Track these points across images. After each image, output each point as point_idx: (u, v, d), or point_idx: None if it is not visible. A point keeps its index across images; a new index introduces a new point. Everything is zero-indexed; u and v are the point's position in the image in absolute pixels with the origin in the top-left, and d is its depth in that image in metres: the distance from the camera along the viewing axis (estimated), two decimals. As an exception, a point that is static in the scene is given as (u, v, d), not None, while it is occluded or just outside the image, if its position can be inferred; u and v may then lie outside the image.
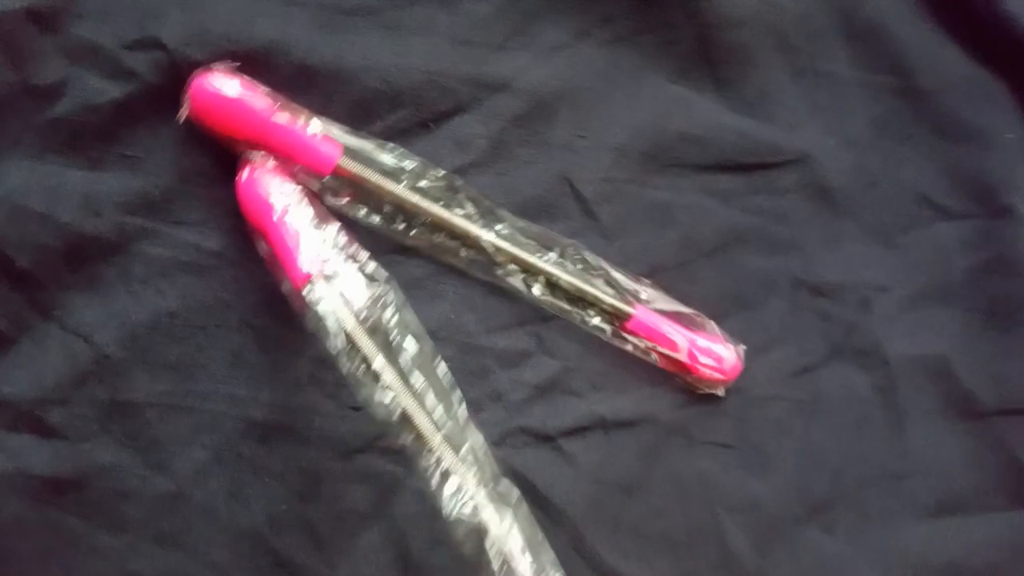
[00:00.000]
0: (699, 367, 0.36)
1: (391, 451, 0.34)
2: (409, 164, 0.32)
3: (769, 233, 0.38)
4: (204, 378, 0.32)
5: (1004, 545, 0.39)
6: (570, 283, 0.34)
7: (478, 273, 0.34)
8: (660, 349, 0.35)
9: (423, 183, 0.32)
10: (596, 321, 0.35)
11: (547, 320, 0.35)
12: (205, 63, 0.30)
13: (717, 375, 0.36)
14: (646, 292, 0.36)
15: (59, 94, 0.29)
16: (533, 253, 0.34)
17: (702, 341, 0.36)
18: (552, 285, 0.34)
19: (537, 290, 0.34)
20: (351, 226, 0.31)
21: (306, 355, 0.33)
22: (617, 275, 0.35)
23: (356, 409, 0.33)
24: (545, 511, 0.35)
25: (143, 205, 0.30)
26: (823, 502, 0.38)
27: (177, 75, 0.30)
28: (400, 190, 0.32)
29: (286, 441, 0.33)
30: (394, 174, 0.32)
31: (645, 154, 0.36)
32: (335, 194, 0.31)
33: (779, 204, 0.38)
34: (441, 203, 0.32)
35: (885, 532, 0.39)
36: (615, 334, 0.35)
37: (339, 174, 0.31)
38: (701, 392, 0.37)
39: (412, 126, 0.33)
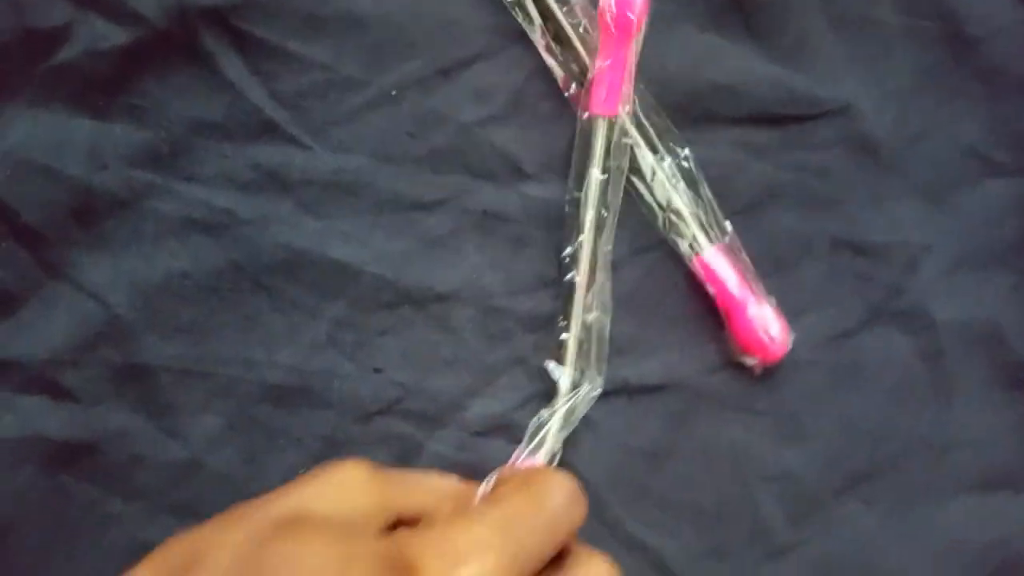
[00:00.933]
0: (749, 333, 0.34)
1: (412, 413, 0.33)
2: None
3: (807, 189, 0.36)
4: (218, 342, 0.31)
5: (1054, 521, 0.37)
6: (669, 190, 0.34)
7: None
8: (721, 292, 0.34)
9: None
10: (676, 237, 0.35)
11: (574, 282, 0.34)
12: (214, 8, 0.29)
13: (763, 347, 0.34)
14: (729, 236, 0.35)
15: (63, 39, 0.28)
16: (651, 142, 0.34)
17: (760, 309, 0.34)
18: (655, 178, 0.34)
19: (643, 179, 0.34)
20: None
21: (324, 316, 0.32)
22: (709, 206, 0.35)
23: (377, 371, 0.32)
24: (569, 478, 0.34)
25: (151, 159, 0.29)
26: (861, 473, 0.37)
27: (187, 20, 0.28)
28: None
29: (303, 405, 0.32)
30: None
31: (675, 106, 0.34)
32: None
33: (818, 159, 0.36)
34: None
35: (927, 507, 0.37)
36: (685, 258, 0.35)
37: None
38: (735, 360, 0.35)
39: (429, 75, 0.32)
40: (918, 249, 0.37)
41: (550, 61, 0.33)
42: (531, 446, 0.32)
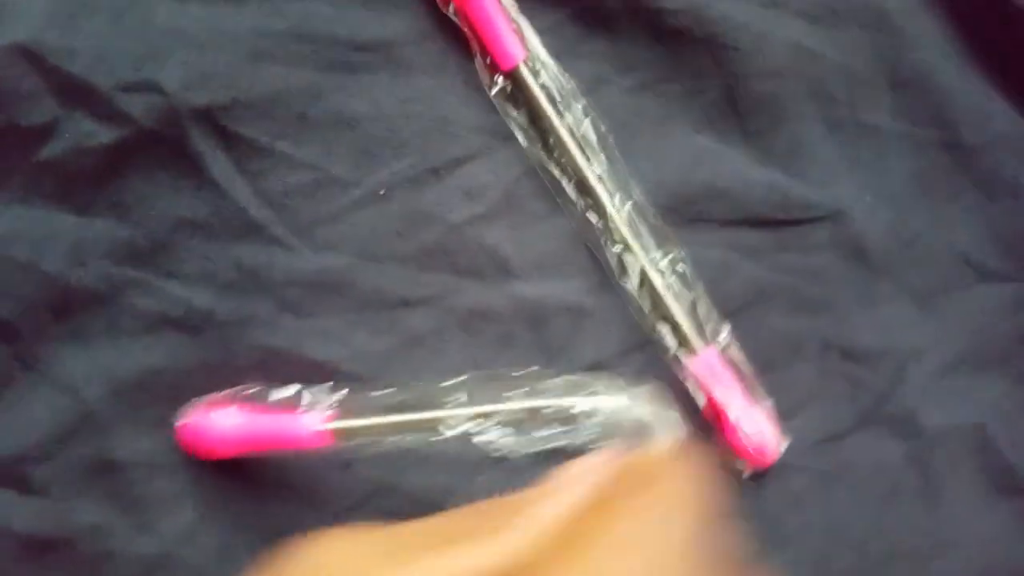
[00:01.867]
0: (741, 439, 0.34)
1: (385, 510, 0.32)
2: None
3: (798, 292, 0.36)
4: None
5: (1042, 633, 0.37)
6: (659, 293, 0.34)
7: (584, 231, 0.33)
8: (712, 397, 0.34)
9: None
10: (667, 340, 0.34)
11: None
12: (205, 108, 0.28)
13: (753, 454, 0.34)
14: (725, 337, 0.34)
15: (49, 136, 0.27)
16: (644, 244, 0.34)
17: (753, 415, 0.34)
18: (645, 282, 0.34)
19: (631, 282, 0.34)
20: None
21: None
22: (704, 307, 0.34)
23: (347, 465, 0.32)
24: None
25: (132, 255, 0.29)
26: (847, 580, 0.36)
27: (174, 120, 0.28)
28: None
29: (277, 499, 0.32)
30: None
31: (667, 208, 0.34)
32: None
33: (810, 262, 0.36)
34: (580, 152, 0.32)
35: (914, 614, 0.37)
36: (675, 361, 0.34)
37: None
38: (723, 464, 0.35)
39: (420, 173, 0.31)
40: (908, 354, 0.37)
41: (541, 160, 0.33)
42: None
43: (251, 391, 0.30)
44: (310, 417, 0.28)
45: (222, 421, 0.29)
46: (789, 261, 0.36)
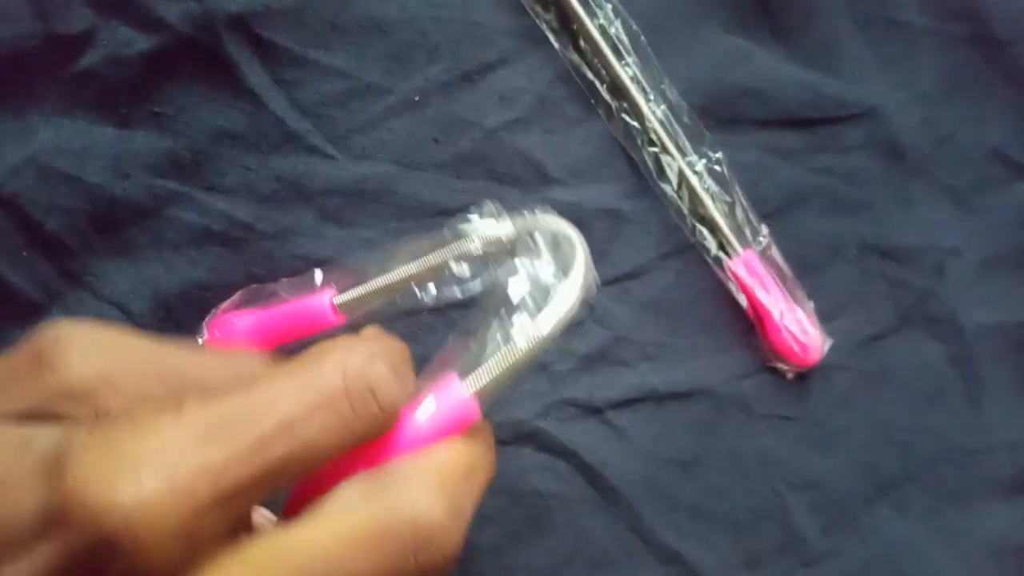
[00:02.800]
0: (782, 338, 0.34)
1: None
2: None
3: (835, 193, 0.36)
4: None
5: (1089, 526, 0.37)
6: (698, 194, 0.33)
7: (620, 134, 0.33)
8: (754, 297, 0.34)
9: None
10: (707, 242, 0.34)
11: (598, 287, 0.33)
12: (238, 15, 0.28)
13: (797, 354, 0.34)
14: (764, 238, 0.34)
15: (86, 45, 0.27)
16: (681, 146, 0.33)
17: (796, 314, 0.34)
18: (683, 184, 0.33)
19: (670, 184, 0.33)
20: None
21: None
22: (742, 209, 0.34)
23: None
24: (598, 489, 0.33)
25: (174, 167, 0.29)
26: (893, 480, 0.36)
27: (210, 27, 0.28)
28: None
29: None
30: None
31: (701, 109, 0.34)
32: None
33: (846, 162, 0.36)
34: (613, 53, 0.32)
35: (960, 511, 0.37)
36: (716, 263, 0.34)
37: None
38: (767, 365, 0.35)
39: (453, 79, 0.31)
40: (946, 253, 0.37)
41: (575, 62, 0.32)
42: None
43: (264, 288, 0.29)
44: (316, 299, 0.26)
45: (240, 325, 0.27)
46: (825, 161, 0.36)
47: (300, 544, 0.17)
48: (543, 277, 0.23)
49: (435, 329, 0.31)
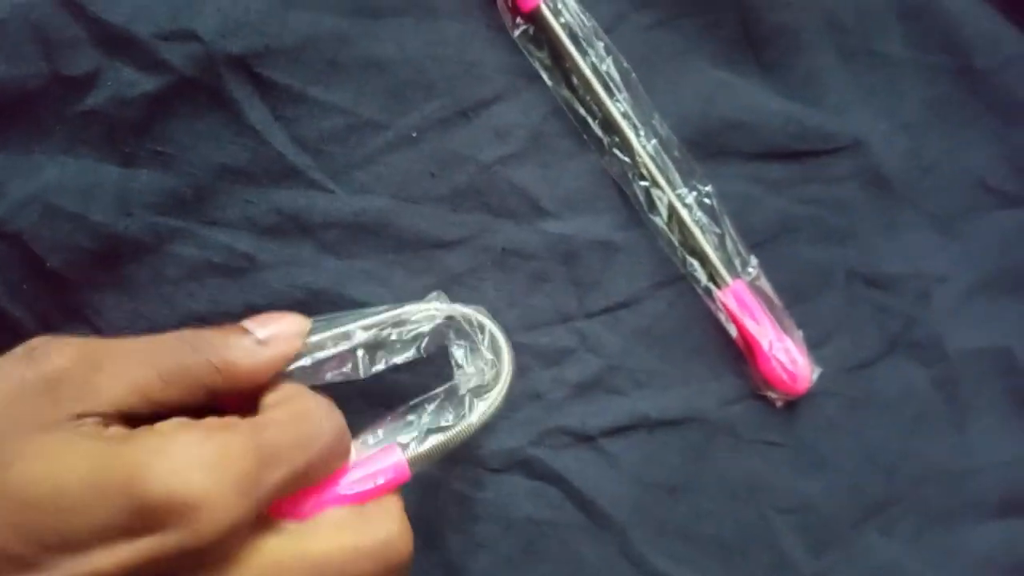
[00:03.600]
0: (772, 367, 0.34)
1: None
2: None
3: (822, 223, 0.36)
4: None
5: (1074, 547, 0.37)
6: (688, 227, 0.34)
7: (612, 168, 0.34)
8: (744, 327, 0.35)
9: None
10: (698, 273, 0.35)
11: (591, 316, 0.34)
12: (240, 56, 0.29)
13: (786, 383, 0.35)
14: (753, 269, 0.35)
15: (91, 86, 0.28)
16: (671, 179, 0.34)
17: (785, 343, 0.35)
18: (673, 217, 0.34)
19: (661, 217, 0.34)
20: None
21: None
22: (731, 240, 0.35)
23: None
24: (589, 515, 0.34)
25: (176, 204, 0.30)
26: (880, 503, 0.37)
27: (211, 68, 0.29)
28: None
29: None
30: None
31: (690, 143, 0.35)
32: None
33: (832, 192, 0.37)
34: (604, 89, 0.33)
35: (946, 534, 0.37)
36: (706, 294, 0.35)
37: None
38: (757, 392, 0.35)
39: (450, 115, 0.32)
40: (931, 279, 0.38)
41: (566, 98, 0.33)
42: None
43: None
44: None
45: None
46: (811, 192, 0.36)
47: (312, 550, 0.24)
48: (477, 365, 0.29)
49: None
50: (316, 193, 0.31)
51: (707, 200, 0.35)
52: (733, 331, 0.35)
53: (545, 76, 0.33)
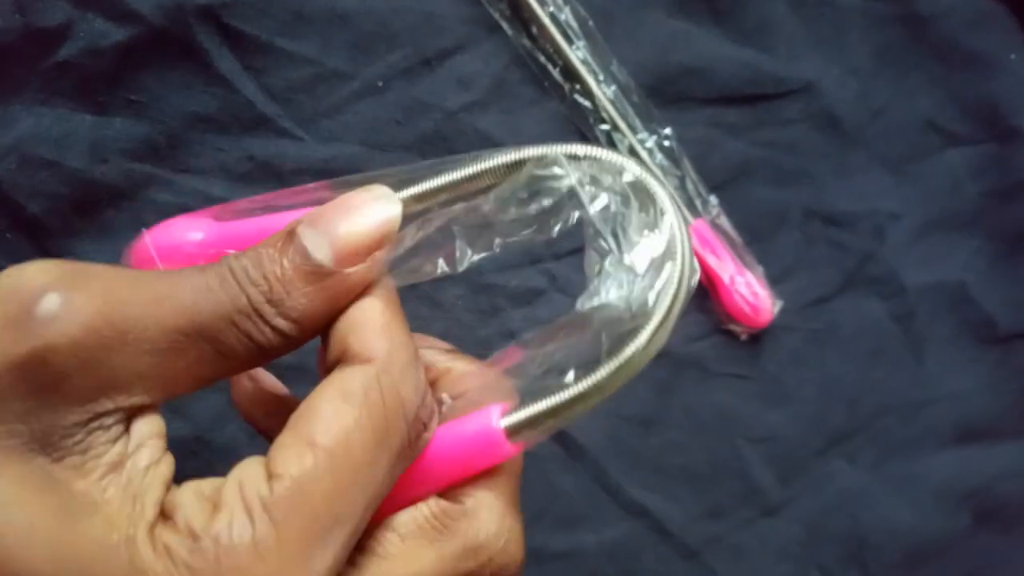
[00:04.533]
0: (734, 300, 0.36)
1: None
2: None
3: (778, 164, 0.38)
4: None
5: (1028, 470, 0.39)
6: (649, 169, 0.35)
7: (576, 117, 0.35)
8: (706, 264, 0.36)
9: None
10: None
11: (560, 257, 0.35)
12: (207, 6, 0.30)
13: (748, 315, 0.36)
14: (714, 208, 0.36)
15: (64, 38, 0.29)
16: (631, 124, 0.35)
17: (746, 278, 0.36)
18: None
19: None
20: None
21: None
22: (691, 182, 0.36)
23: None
24: (565, 446, 0.35)
25: (149, 151, 0.31)
26: (843, 432, 0.38)
27: (181, 18, 0.30)
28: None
29: (303, 381, 0.33)
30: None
31: (649, 89, 0.36)
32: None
33: (786, 135, 0.38)
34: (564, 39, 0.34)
35: (906, 461, 0.39)
36: None
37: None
38: (722, 327, 0.37)
39: (414, 65, 0.33)
40: (885, 217, 0.39)
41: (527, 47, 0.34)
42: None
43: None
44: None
45: (190, 235, 0.21)
46: (767, 135, 0.38)
47: None
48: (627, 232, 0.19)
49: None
50: (286, 141, 0.32)
51: (666, 143, 0.36)
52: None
53: (505, 26, 0.34)
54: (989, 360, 0.40)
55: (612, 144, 0.36)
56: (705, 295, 0.37)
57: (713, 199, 0.37)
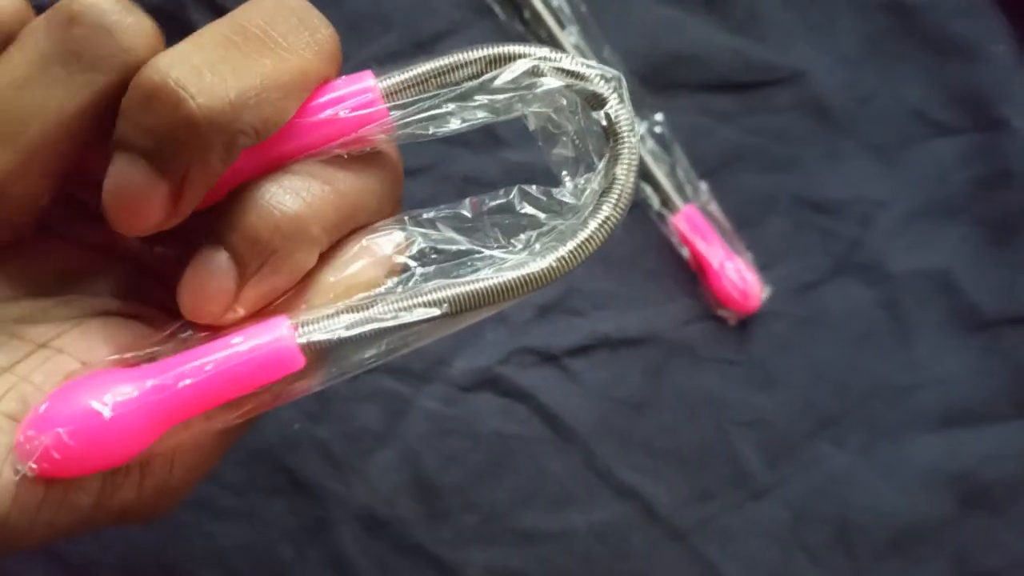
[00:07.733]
0: (724, 286, 0.36)
1: (398, 370, 0.34)
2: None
3: (768, 151, 0.38)
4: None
5: (1013, 455, 0.40)
6: (641, 155, 0.36)
7: None
8: (696, 249, 0.36)
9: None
10: (651, 199, 0.37)
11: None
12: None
13: (737, 300, 0.36)
14: (704, 194, 0.37)
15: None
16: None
17: (735, 263, 0.36)
18: None
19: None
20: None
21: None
22: (682, 168, 0.36)
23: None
24: (555, 429, 0.35)
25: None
26: (831, 416, 0.39)
27: None
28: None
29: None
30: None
31: (640, 75, 0.36)
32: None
33: (776, 122, 0.38)
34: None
35: (894, 445, 0.39)
36: (659, 218, 0.37)
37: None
38: (711, 312, 0.37)
39: (406, 48, 0.33)
40: (872, 205, 0.40)
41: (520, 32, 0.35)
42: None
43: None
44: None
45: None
46: (757, 122, 0.38)
47: None
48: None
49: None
50: (280, 123, 0.32)
51: (657, 129, 0.36)
52: (686, 253, 0.37)
53: (498, 10, 0.34)
54: (975, 346, 0.40)
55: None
56: (695, 280, 0.37)
57: (703, 185, 0.37)
